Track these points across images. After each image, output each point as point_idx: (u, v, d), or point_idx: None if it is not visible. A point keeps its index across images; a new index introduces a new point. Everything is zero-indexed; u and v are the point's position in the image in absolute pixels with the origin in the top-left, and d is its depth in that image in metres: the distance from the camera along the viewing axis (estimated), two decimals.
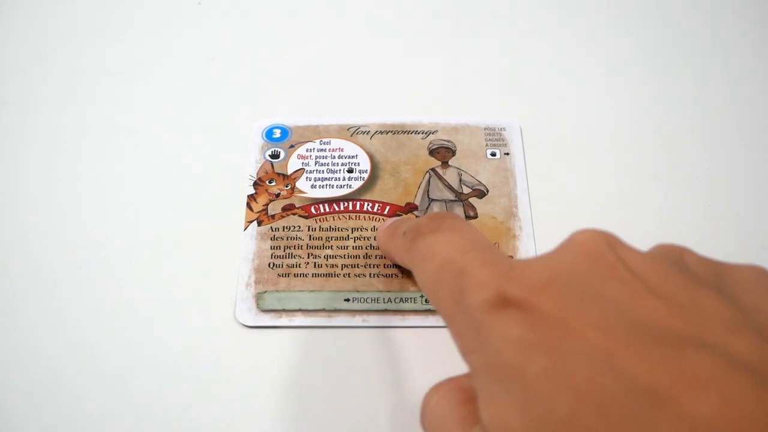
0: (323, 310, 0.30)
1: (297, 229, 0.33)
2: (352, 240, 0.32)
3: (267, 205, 0.34)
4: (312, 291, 0.31)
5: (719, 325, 0.16)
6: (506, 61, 0.40)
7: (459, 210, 0.33)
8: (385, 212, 0.33)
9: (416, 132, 0.36)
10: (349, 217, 0.33)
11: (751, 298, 0.18)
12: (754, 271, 0.20)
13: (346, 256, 0.32)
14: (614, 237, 0.19)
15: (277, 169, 0.35)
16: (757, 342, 0.16)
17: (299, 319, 0.30)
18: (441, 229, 0.22)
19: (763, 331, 0.16)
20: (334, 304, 0.31)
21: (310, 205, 0.33)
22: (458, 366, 0.21)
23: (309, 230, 0.33)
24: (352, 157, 0.35)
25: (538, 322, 0.17)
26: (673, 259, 0.20)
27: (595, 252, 0.19)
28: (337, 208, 0.33)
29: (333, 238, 0.32)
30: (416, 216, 0.33)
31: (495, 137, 0.36)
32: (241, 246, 0.32)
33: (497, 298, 0.18)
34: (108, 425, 0.28)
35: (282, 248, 0.32)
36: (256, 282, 0.31)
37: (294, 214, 0.33)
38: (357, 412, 0.28)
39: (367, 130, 0.36)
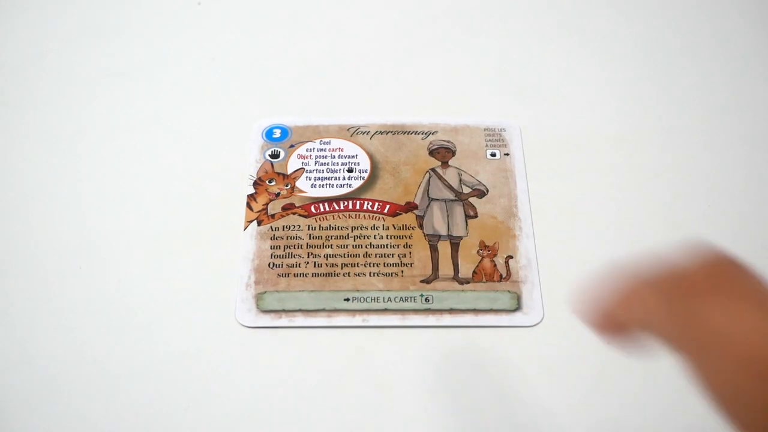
0: (323, 310, 0.30)
1: (297, 228, 0.33)
2: (352, 239, 0.32)
3: (267, 204, 0.33)
4: (312, 291, 0.31)
5: None
6: (506, 62, 0.40)
7: (459, 209, 0.33)
8: (385, 211, 0.33)
9: (416, 132, 0.36)
10: (349, 216, 0.33)
11: None
12: None
13: (346, 255, 0.32)
14: None
15: (277, 169, 0.35)
16: None
17: (299, 320, 0.30)
18: (722, 288, 0.16)
19: None
20: (334, 304, 0.30)
21: (310, 204, 0.33)
22: (457, 366, 0.21)
23: (309, 229, 0.33)
24: (352, 156, 0.35)
25: None
26: None
27: None
28: (337, 207, 0.33)
29: (333, 237, 0.32)
30: (421, 213, 0.33)
31: (495, 138, 0.36)
32: (241, 246, 0.32)
33: None
34: (108, 425, 0.28)
35: (282, 248, 0.32)
36: (256, 282, 0.31)
37: (294, 213, 0.33)
38: (357, 412, 0.28)
39: (367, 130, 0.36)
